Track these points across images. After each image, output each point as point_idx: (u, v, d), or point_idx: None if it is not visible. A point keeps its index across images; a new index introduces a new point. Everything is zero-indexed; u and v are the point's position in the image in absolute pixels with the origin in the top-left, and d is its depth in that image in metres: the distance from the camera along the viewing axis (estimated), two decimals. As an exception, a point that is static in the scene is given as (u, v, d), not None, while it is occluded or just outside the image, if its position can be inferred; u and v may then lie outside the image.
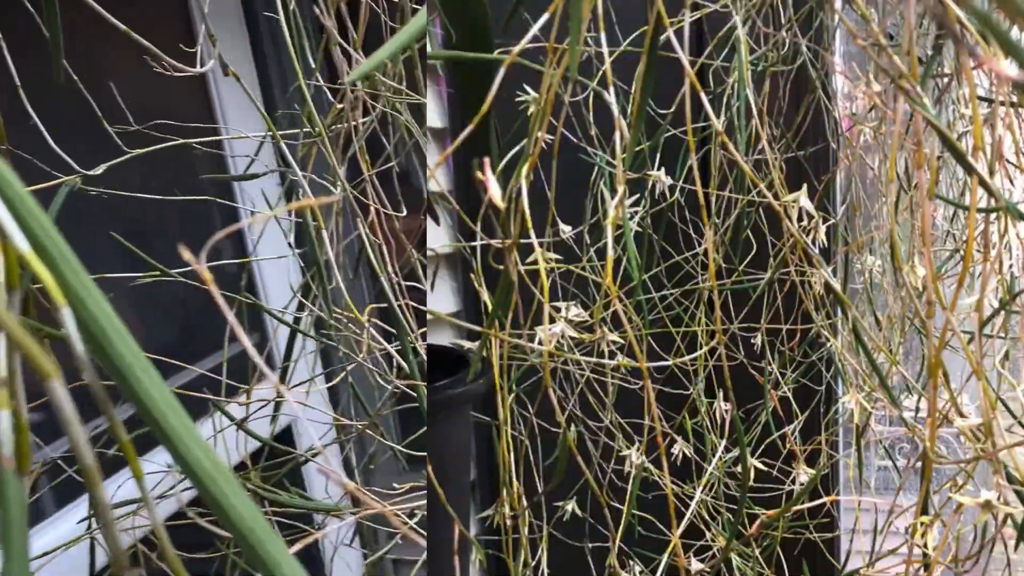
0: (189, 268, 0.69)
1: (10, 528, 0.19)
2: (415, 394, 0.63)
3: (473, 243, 0.73)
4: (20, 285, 0.21)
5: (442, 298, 1.19)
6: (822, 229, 0.62)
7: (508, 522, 0.64)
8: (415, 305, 0.73)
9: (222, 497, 0.19)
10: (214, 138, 0.74)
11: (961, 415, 0.48)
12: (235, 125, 0.87)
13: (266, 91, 1.32)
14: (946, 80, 0.73)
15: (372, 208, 0.69)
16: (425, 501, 0.67)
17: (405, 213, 0.77)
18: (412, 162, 0.80)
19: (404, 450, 0.75)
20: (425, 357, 0.73)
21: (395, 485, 0.75)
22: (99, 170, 0.65)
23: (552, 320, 0.49)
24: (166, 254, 0.72)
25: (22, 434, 0.20)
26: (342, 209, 0.78)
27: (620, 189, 0.44)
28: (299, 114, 0.66)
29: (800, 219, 0.58)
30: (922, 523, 0.48)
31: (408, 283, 0.75)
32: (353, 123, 0.67)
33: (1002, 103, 0.54)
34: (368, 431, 0.76)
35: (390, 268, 0.71)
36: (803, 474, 0.79)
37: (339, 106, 0.66)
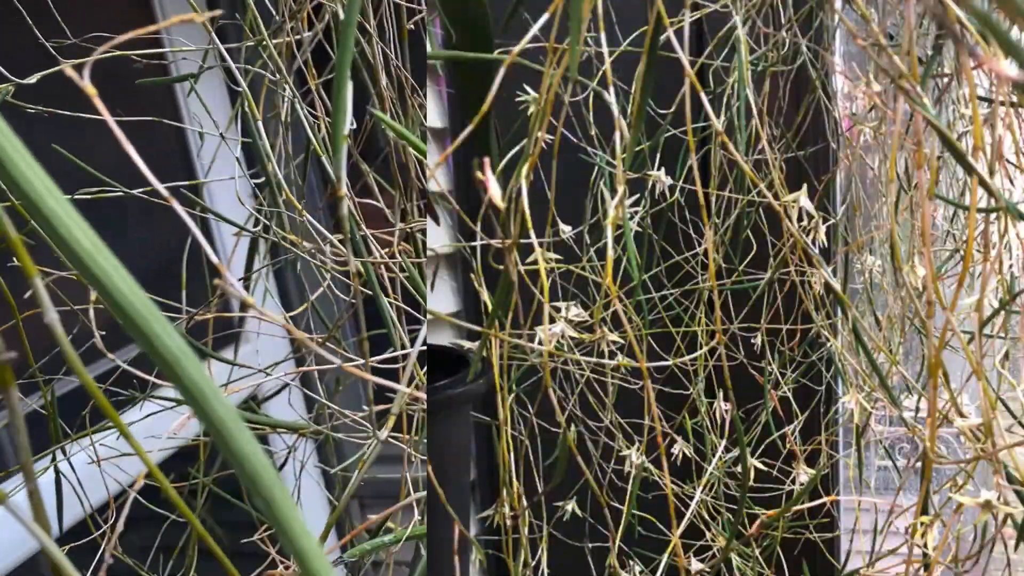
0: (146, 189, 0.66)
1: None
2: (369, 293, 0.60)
3: (473, 243, 0.73)
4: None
5: (442, 298, 1.19)
6: (822, 229, 0.62)
7: (508, 522, 0.64)
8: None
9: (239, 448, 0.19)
10: (155, 51, 0.69)
11: (961, 415, 0.48)
12: (180, 39, 0.81)
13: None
14: (946, 80, 0.73)
15: (322, 120, 0.67)
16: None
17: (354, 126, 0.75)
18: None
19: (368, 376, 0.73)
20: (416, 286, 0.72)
21: (363, 408, 0.74)
22: (33, 79, 0.61)
23: (552, 320, 0.49)
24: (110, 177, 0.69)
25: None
26: (290, 126, 0.76)
27: (620, 189, 0.44)
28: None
29: (800, 219, 0.58)
30: (922, 523, 0.48)
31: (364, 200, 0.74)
32: (297, 36, 0.65)
33: (1002, 103, 0.54)
34: (328, 345, 0.75)
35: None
36: (803, 474, 0.79)
37: (280, 17, 0.65)
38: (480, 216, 0.59)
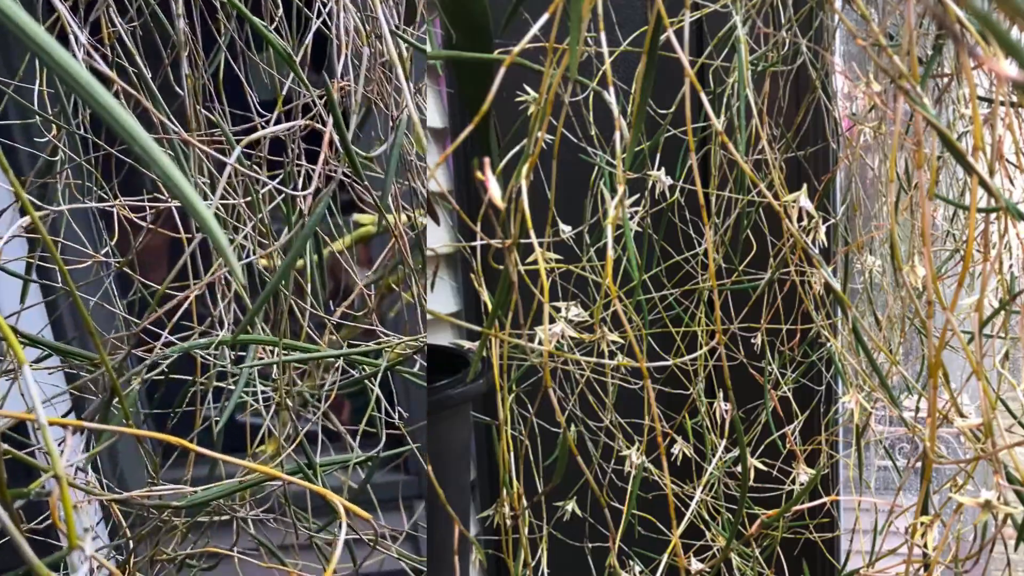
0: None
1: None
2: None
3: (473, 243, 0.73)
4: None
5: (442, 298, 1.19)
6: (822, 229, 0.62)
7: (508, 522, 0.64)
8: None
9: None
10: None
11: (961, 415, 0.48)
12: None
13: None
14: (946, 80, 0.73)
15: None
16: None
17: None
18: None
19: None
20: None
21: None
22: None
23: (552, 320, 0.49)
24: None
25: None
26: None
27: (620, 189, 0.44)
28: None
29: (800, 219, 0.58)
30: (922, 523, 0.48)
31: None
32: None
33: (1002, 103, 0.54)
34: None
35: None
36: (803, 474, 0.79)
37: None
38: (480, 216, 0.59)
